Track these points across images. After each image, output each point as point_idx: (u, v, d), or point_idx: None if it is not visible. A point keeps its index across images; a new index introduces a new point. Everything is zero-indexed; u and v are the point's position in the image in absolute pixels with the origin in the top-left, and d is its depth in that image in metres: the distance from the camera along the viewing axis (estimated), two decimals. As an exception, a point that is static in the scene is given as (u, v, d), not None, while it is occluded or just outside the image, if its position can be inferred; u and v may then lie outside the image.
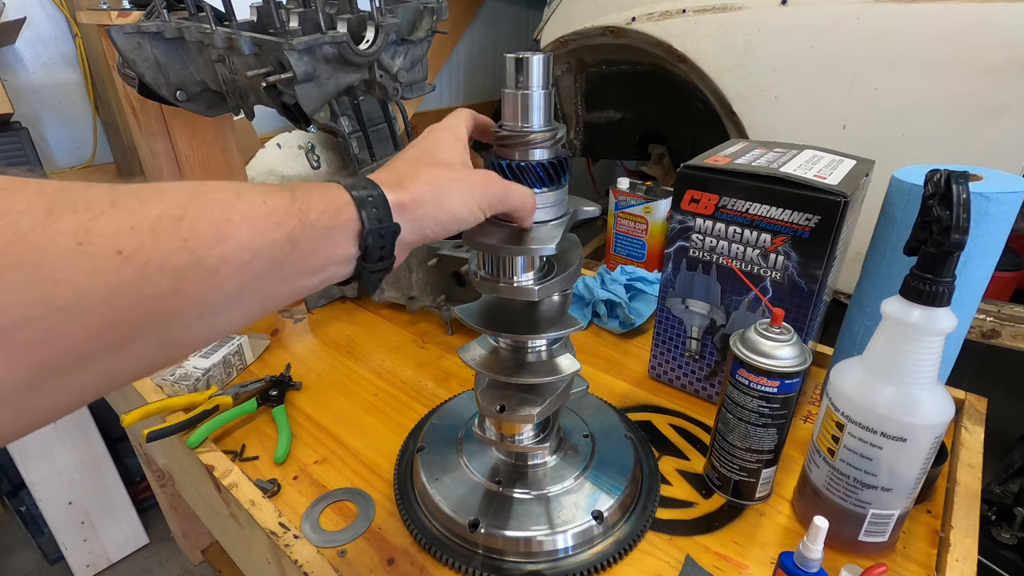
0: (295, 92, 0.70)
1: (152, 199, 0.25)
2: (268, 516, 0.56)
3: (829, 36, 1.05)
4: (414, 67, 0.84)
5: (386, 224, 0.34)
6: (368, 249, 0.33)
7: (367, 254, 0.33)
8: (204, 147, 1.09)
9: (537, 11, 2.05)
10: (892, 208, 0.60)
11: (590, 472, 0.57)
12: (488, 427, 0.56)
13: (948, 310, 0.44)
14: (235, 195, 0.28)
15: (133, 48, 0.75)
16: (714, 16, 1.19)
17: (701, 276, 0.67)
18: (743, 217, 0.60)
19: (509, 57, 0.40)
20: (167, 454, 0.84)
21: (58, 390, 0.24)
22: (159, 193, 0.26)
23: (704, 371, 0.72)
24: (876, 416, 0.47)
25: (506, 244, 0.43)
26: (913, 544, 0.55)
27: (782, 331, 0.53)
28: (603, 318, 0.89)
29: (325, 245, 0.32)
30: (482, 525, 0.52)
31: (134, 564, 1.44)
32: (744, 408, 0.54)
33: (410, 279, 0.88)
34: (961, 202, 0.40)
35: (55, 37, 1.24)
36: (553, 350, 0.53)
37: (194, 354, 0.79)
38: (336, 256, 0.33)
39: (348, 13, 0.75)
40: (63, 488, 1.30)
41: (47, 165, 1.20)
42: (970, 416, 0.68)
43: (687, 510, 0.59)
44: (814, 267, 0.58)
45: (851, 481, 0.50)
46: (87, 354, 0.24)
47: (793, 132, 1.14)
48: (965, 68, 0.93)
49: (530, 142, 0.42)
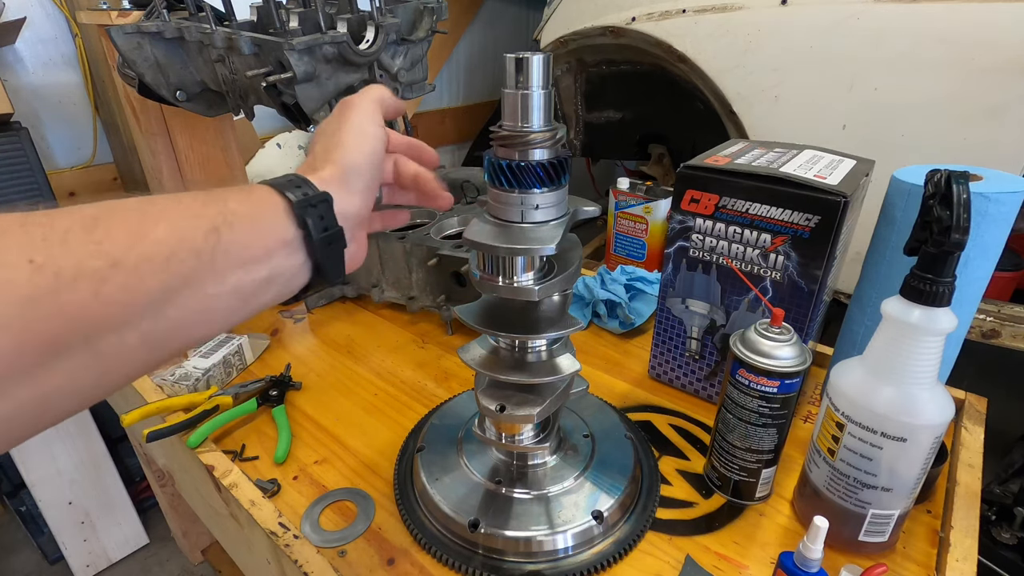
0: (295, 92, 0.70)
1: (62, 215, 0.25)
2: (268, 516, 0.56)
3: (829, 36, 1.05)
4: (414, 67, 0.84)
5: (313, 193, 0.33)
6: (308, 224, 0.32)
7: (308, 230, 0.33)
8: (204, 147, 1.09)
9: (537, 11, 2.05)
10: (892, 208, 0.60)
11: (590, 472, 0.57)
12: (488, 427, 0.57)
13: (948, 310, 0.44)
14: (146, 201, 0.28)
15: (133, 48, 0.75)
16: (714, 16, 1.19)
17: (701, 276, 0.67)
18: (743, 217, 0.60)
19: (509, 57, 0.40)
20: (167, 454, 0.84)
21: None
22: (70, 210, 0.25)
23: (704, 371, 0.72)
24: (876, 416, 0.47)
25: (506, 244, 0.43)
26: (913, 544, 0.55)
27: (782, 331, 0.53)
28: (603, 318, 0.89)
29: (257, 233, 0.31)
30: (482, 525, 0.52)
31: (134, 564, 1.44)
32: (744, 408, 0.54)
33: (410, 279, 0.88)
34: (961, 202, 0.40)
35: (55, 37, 1.24)
36: (553, 350, 0.53)
37: (194, 354, 0.79)
38: (275, 239, 0.32)
39: (348, 13, 0.75)
40: (63, 488, 1.30)
41: (47, 165, 1.20)
42: (970, 416, 0.68)
43: (687, 510, 0.59)
44: (814, 267, 0.58)
45: (851, 481, 0.50)
46: (7, 376, 0.22)
47: (793, 132, 1.14)
48: (965, 68, 0.93)
49: (530, 142, 0.42)
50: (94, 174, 1.34)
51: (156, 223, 0.27)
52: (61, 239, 0.24)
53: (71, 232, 0.24)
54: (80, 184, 1.32)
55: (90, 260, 0.24)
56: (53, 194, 1.09)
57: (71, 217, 0.25)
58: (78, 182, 1.31)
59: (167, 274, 0.27)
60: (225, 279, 0.29)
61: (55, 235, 0.24)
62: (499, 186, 0.44)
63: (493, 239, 0.44)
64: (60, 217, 0.25)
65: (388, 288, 0.92)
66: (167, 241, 0.27)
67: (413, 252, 0.84)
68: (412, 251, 0.84)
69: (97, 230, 0.25)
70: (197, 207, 0.29)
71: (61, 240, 0.24)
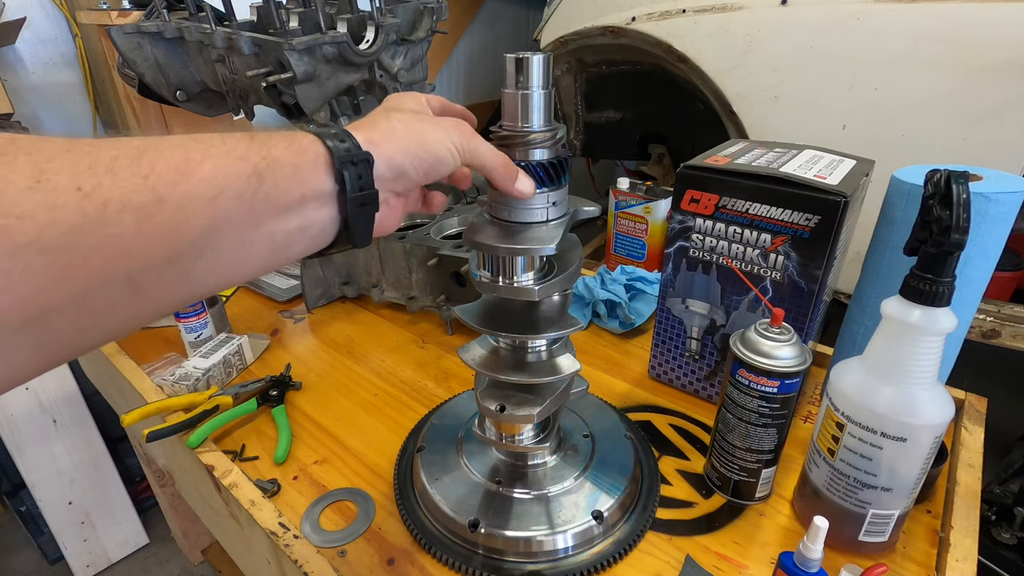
0: (295, 92, 0.70)
1: (107, 144, 0.24)
2: (268, 516, 0.56)
3: (829, 36, 1.05)
4: (414, 67, 0.84)
5: (356, 152, 0.33)
6: (345, 179, 0.32)
7: (344, 185, 0.32)
8: (204, 147, 1.09)
9: (537, 11, 2.05)
10: (892, 208, 0.60)
11: (590, 472, 0.57)
12: (488, 427, 0.56)
13: (948, 310, 0.44)
14: (191, 139, 0.27)
15: (133, 48, 0.75)
16: (714, 16, 1.19)
17: (701, 276, 0.67)
18: (743, 217, 0.60)
19: (509, 57, 0.40)
20: (167, 454, 0.84)
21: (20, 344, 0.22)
22: (114, 142, 0.25)
23: (704, 371, 0.72)
24: (876, 416, 0.47)
25: (506, 244, 0.43)
26: (913, 544, 0.55)
27: (782, 331, 0.53)
28: (603, 318, 0.89)
29: (296, 180, 0.30)
30: (482, 525, 0.52)
31: (134, 564, 1.44)
32: (744, 408, 0.54)
33: (410, 279, 0.88)
34: (961, 202, 0.40)
35: (55, 37, 1.24)
36: (553, 350, 0.53)
37: (194, 354, 0.79)
38: (311, 190, 0.31)
39: (348, 13, 0.75)
40: (63, 488, 1.30)
41: (47, 165, 1.20)
42: (970, 416, 0.68)
43: (687, 510, 0.59)
44: (814, 267, 0.58)
45: (851, 481, 0.50)
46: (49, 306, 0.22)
47: (793, 132, 1.14)
48: (965, 68, 0.93)
49: (530, 142, 0.42)
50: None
51: (201, 162, 0.26)
52: (108, 167, 0.23)
53: (118, 161, 0.24)
54: (80, 184, 1.32)
55: (136, 194, 0.24)
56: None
57: (117, 148, 0.24)
58: (78, 182, 1.31)
59: (210, 214, 0.26)
60: (262, 224, 0.29)
61: (102, 164, 0.23)
62: (499, 186, 0.44)
63: (493, 239, 0.44)
64: (105, 147, 0.24)
65: (388, 288, 0.92)
66: (212, 180, 0.26)
67: (413, 252, 0.84)
68: (412, 251, 0.84)
69: (143, 163, 0.24)
70: (241, 149, 0.28)
71: (108, 169, 0.23)
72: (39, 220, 0.21)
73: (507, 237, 0.44)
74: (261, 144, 0.29)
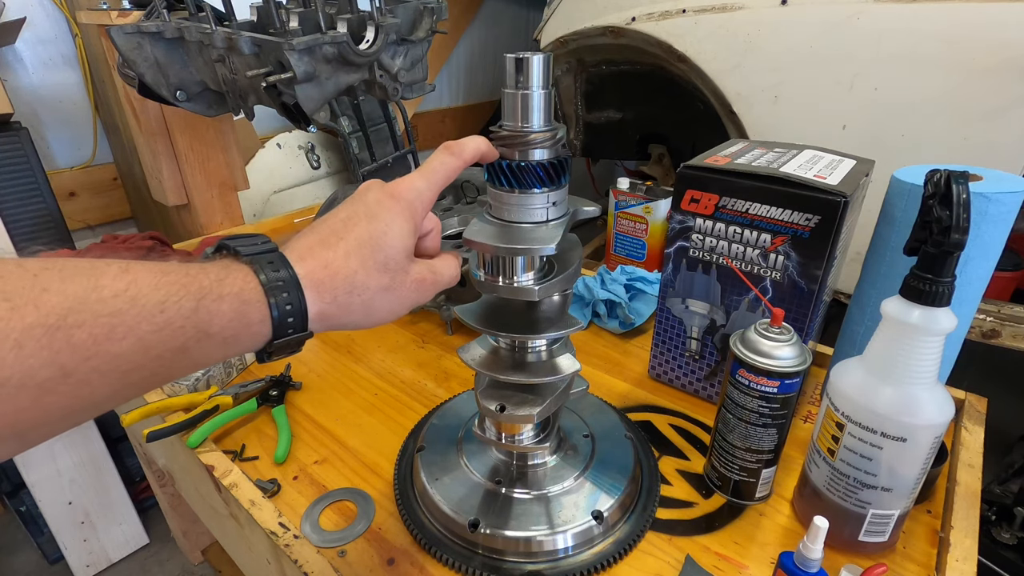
0: (295, 92, 0.70)
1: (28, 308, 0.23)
2: (268, 516, 0.56)
3: (829, 36, 1.05)
4: (414, 67, 0.84)
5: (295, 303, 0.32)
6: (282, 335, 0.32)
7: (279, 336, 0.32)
8: (204, 147, 1.09)
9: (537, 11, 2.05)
10: (892, 208, 0.60)
11: (590, 472, 0.57)
12: (488, 427, 0.56)
13: (948, 310, 0.44)
14: (129, 301, 0.25)
15: (133, 48, 0.75)
16: (714, 16, 1.19)
17: (701, 276, 0.67)
18: (743, 217, 0.60)
19: (509, 57, 0.40)
20: (167, 454, 0.84)
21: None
22: (42, 293, 0.23)
23: (704, 371, 0.72)
24: (876, 416, 0.47)
25: (506, 244, 0.43)
26: (913, 544, 0.55)
27: (782, 331, 0.53)
28: (603, 318, 0.89)
29: (227, 350, 0.30)
30: (482, 525, 0.52)
31: (134, 564, 1.44)
32: (744, 408, 0.54)
33: (410, 279, 0.88)
34: (961, 202, 0.40)
35: (55, 37, 1.24)
36: (553, 350, 0.53)
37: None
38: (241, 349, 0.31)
39: (348, 13, 0.75)
40: (63, 488, 1.30)
41: (47, 165, 1.20)
42: (970, 416, 0.68)
43: (687, 510, 0.59)
44: (814, 267, 0.58)
45: (851, 481, 0.50)
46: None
47: (793, 132, 1.14)
48: (965, 68, 0.92)
49: (530, 142, 0.42)
50: (94, 174, 1.34)
51: (123, 339, 0.25)
52: (17, 342, 0.22)
53: (32, 332, 0.23)
54: (80, 184, 1.32)
55: (42, 369, 0.23)
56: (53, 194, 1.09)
57: (37, 312, 0.23)
58: (78, 182, 1.31)
59: (118, 384, 0.26)
60: (173, 376, 0.29)
61: (12, 335, 0.22)
62: (499, 186, 0.44)
63: (493, 239, 0.44)
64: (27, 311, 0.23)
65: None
66: (131, 357, 0.25)
67: (413, 252, 0.84)
68: (412, 251, 0.84)
69: (59, 334, 0.23)
70: (176, 326, 0.27)
71: (16, 344, 0.22)
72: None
73: (507, 237, 0.44)
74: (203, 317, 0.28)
